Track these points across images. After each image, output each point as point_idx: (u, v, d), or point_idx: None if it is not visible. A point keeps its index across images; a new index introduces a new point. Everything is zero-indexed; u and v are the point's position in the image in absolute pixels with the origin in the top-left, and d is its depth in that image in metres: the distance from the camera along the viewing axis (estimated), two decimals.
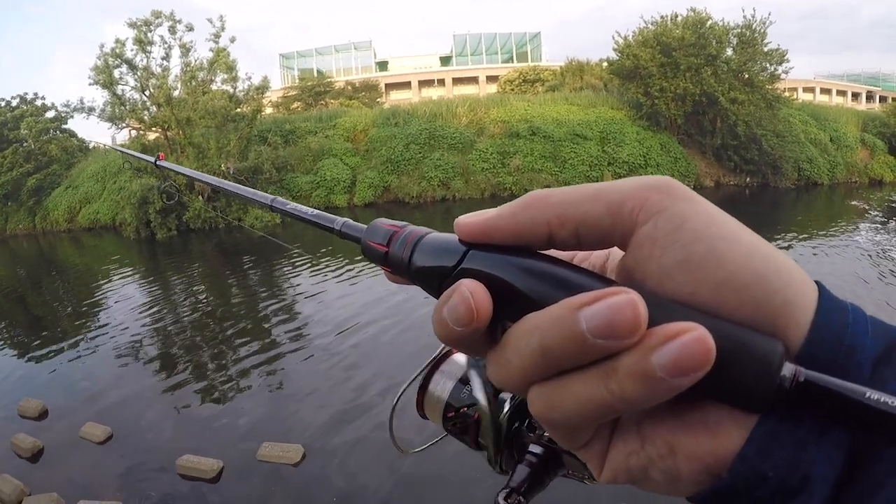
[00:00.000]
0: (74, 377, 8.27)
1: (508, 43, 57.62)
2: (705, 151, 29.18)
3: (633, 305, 0.30)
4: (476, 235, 0.39)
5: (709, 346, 0.29)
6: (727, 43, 28.40)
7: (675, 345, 0.29)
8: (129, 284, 14.39)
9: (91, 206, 28.24)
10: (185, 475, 5.38)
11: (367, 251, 0.46)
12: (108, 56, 23.41)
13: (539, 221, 0.37)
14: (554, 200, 0.38)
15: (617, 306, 0.30)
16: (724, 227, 0.35)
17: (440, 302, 0.37)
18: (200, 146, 23.58)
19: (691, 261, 0.34)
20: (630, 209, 0.36)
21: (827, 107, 39.28)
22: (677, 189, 0.36)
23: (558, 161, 27.15)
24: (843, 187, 29.86)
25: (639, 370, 0.30)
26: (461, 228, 0.40)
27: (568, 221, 0.37)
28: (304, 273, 13.70)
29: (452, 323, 0.36)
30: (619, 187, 0.37)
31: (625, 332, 0.30)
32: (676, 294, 0.34)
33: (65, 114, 29.99)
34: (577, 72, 39.79)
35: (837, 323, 0.33)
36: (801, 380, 0.30)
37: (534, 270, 0.37)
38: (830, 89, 56.40)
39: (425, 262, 0.42)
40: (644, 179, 0.37)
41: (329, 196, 26.15)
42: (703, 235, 0.34)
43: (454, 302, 0.36)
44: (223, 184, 0.96)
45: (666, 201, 0.35)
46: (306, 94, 41.00)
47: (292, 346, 8.82)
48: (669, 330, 0.30)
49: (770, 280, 0.33)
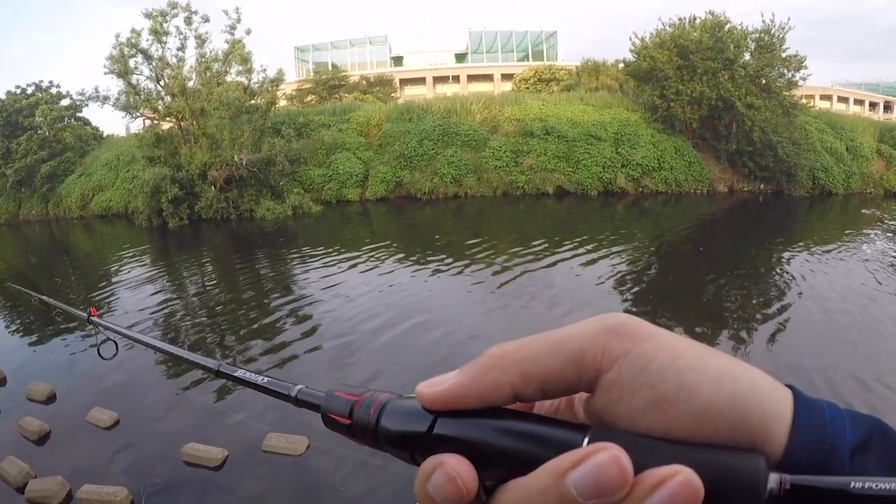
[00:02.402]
0: (83, 362, 8.25)
1: (524, 41, 57.60)
2: (720, 156, 28.97)
3: (617, 462, 0.31)
4: (440, 405, 0.39)
5: (696, 488, 0.30)
6: (745, 47, 28.15)
7: (664, 492, 0.30)
8: (140, 271, 14.41)
9: (104, 193, 28.43)
10: (190, 462, 5.35)
11: (329, 423, 0.45)
12: (123, 46, 23.55)
13: (503, 383, 0.38)
14: (514, 359, 0.38)
15: (603, 465, 0.31)
16: (689, 358, 0.35)
17: (422, 476, 0.37)
18: (214, 137, 23.65)
19: (662, 399, 0.34)
20: (592, 358, 0.36)
21: (844, 115, 39.02)
22: (637, 329, 0.37)
23: (572, 161, 27.10)
24: (857, 197, 29.60)
25: None
26: (424, 399, 0.40)
27: (531, 379, 0.37)
28: (314, 264, 13.69)
29: (440, 499, 0.36)
30: (577, 336, 0.37)
31: (614, 489, 0.30)
32: (652, 431, 0.35)
33: (80, 102, 30.15)
34: (593, 72, 39.70)
35: (816, 424, 0.34)
36: (787, 487, 0.31)
37: (509, 431, 0.37)
38: (848, 98, 56.06)
39: (395, 428, 0.41)
40: (601, 323, 0.37)
41: (341, 190, 26.23)
42: (670, 372, 0.35)
43: (440, 481, 0.36)
44: (161, 345, 0.95)
45: (627, 344, 0.36)
46: (321, 87, 41.04)
47: (300, 337, 8.79)
48: (655, 477, 0.30)
49: (743, 400, 0.34)
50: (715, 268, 12.79)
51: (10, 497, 4.99)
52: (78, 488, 4.82)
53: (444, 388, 0.39)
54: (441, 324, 9.12)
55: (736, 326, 9.10)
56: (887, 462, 0.34)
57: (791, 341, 8.35)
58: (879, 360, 7.51)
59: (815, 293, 10.58)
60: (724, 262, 13.41)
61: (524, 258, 13.60)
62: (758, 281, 11.90)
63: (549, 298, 10.71)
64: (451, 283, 11.93)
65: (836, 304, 9.85)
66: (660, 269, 13.44)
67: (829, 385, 6.60)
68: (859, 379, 6.83)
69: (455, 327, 9.05)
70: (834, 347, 8.01)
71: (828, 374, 7.00)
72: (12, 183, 30.90)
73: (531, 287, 11.40)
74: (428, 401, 0.40)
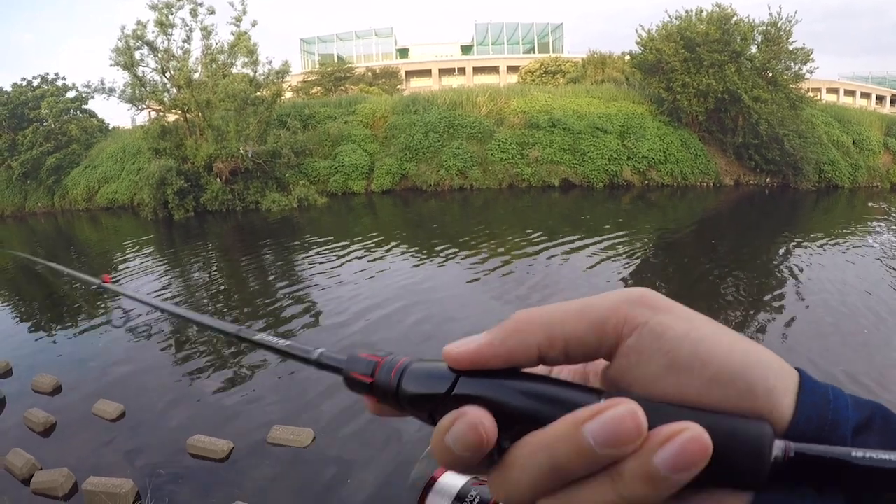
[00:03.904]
0: (89, 354, 8.30)
1: (530, 33, 57.58)
2: (726, 149, 28.90)
3: (633, 414, 0.33)
4: (466, 364, 0.40)
5: (705, 443, 0.31)
6: (752, 40, 28.00)
7: (674, 445, 0.32)
8: (146, 263, 14.47)
9: (110, 185, 28.50)
10: (196, 454, 5.37)
11: (351, 382, 0.46)
12: (128, 38, 23.50)
13: (530, 345, 0.39)
14: (541, 322, 0.39)
15: (619, 417, 0.33)
16: (704, 330, 0.38)
17: (440, 429, 0.38)
18: (220, 129, 23.67)
19: (676, 365, 0.36)
20: (613, 325, 0.38)
21: (850, 109, 38.76)
22: (656, 301, 0.39)
23: (577, 154, 27.06)
24: (864, 191, 29.52)
25: (643, 472, 0.32)
26: (451, 357, 0.41)
27: (557, 342, 0.39)
28: (320, 257, 13.68)
29: (459, 450, 0.37)
30: (601, 304, 0.39)
31: (629, 440, 0.32)
32: (665, 397, 0.36)
33: (85, 94, 30.23)
34: (599, 64, 39.60)
35: (820, 401, 0.36)
36: (791, 454, 0.33)
37: (529, 391, 0.39)
38: (854, 91, 55.91)
39: (415, 389, 0.42)
40: (623, 294, 0.40)
41: (347, 182, 26.24)
42: (685, 341, 0.37)
43: (461, 429, 0.37)
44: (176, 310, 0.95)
45: (647, 314, 0.38)
46: (326, 79, 41.12)
47: (305, 330, 8.82)
48: (667, 431, 0.32)
49: (752, 371, 0.35)
50: (719, 260, 12.77)
51: (16, 489, 5.01)
52: (83, 480, 4.83)
53: (472, 347, 0.40)
54: (439, 311, 9.20)
55: (738, 317, 9.08)
56: (888, 442, 0.35)
57: (794, 333, 8.34)
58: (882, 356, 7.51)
59: (819, 287, 10.54)
60: (728, 254, 13.41)
61: (527, 249, 13.65)
62: (762, 274, 11.88)
63: (547, 287, 10.74)
64: (453, 271, 12.01)
65: (838, 298, 9.82)
66: (663, 260, 13.44)
67: (830, 377, 6.59)
68: (861, 374, 6.83)
69: (454, 314, 9.13)
70: (839, 341, 7.99)
71: (831, 367, 7.00)
72: (18, 175, 30.91)
73: (530, 277, 11.44)
74: (454, 359, 0.41)
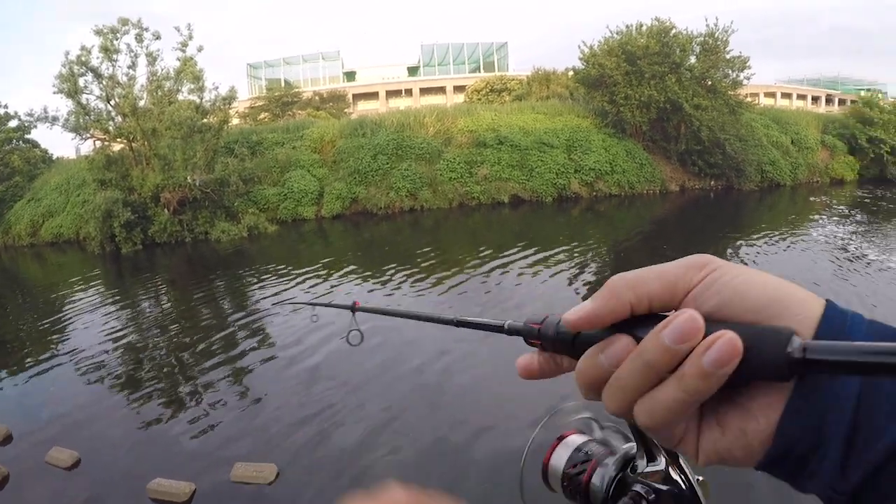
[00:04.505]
0: (39, 399, 8.14)
1: (475, 53, 58.15)
2: (670, 157, 29.75)
3: (693, 317, 0.44)
4: (585, 326, 0.52)
5: (736, 343, 0.42)
6: (691, 51, 28.97)
7: (715, 347, 0.42)
8: (95, 301, 14.16)
9: (54, 219, 27.68)
10: (157, 499, 5.31)
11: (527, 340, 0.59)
12: (73, 64, 23.02)
13: (626, 301, 0.50)
14: (632, 283, 0.50)
15: (682, 320, 0.44)
16: (746, 276, 0.48)
17: (591, 354, 0.50)
18: (166, 157, 23.28)
19: (723, 301, 0.47)
20: (683, 284, 0.49)
21: (788, 111, 40.23)
22: (711, 262, 0.50)
23: (525, 169, 27.45)
24: (805, 187, 30.80)
25: (697, 370, 0.43)
26: (570, 323, 0.52)
27: (643, 298, 0.49)
28: (270, 286, 13.65)
29: (612, 365, 0.49)
30: (673, 268, 0.50)
31: (691, 335, 0.43)
32: None
33: (28, 123, 29.24)
34: (544, 81, 40.25)
35: (837, 326, 0.44)
36: (807, 348, 0.40)
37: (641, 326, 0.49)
38: (791, 94, 57.68)
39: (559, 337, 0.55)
40: (689, 260, 0.51)
41: (297, 208, 26.09)
42: (730, 285, 0.47)
43: (614, 352, 0.49)
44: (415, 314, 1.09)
45: (704, 272, 0.49)
46: (274, 104, 40.92)
47: (261, 362, 8.78)
48: (710, 339, 0.43)
49: (779, 303, 0.46)
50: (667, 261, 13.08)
51: None
52: None
53: (584, 313, 0.50)
54: (386, 328, 9.21)
55: None
56: None
57: None
58: None
59: None
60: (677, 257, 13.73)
61: (479, 266, 13.91)
62: None
63: (502, 302, 11.12)
64: (405, 291, 12.20)
65: None
66: (614, 268, 13.46)
67: None
68: None
69: (402, 330, 9.22)
70: None
71: None
72: None
73: (483, 293, 11.74)
74: (573, 324, 0.51)
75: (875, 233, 17.50)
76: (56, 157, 34.58)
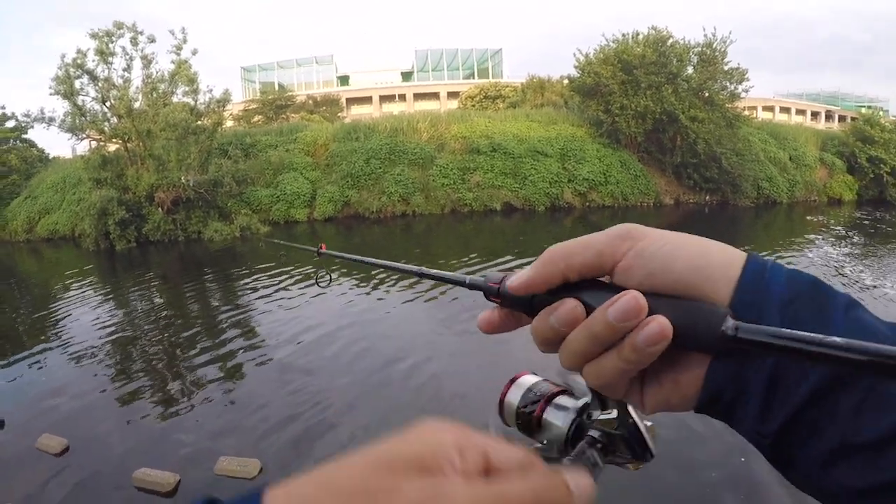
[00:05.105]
0: (32, 388, 8.22)
1: (470, 59, 58.39)
2: (665, 169, 29.60)
3: (635, 297, 0.48)
4: (524, 291, 0.57)
5: (665, 326, 0.47)
6: (688, 61, 28.90)
7: (647, 329, 0.48)
8: (88, 296, 14.24)
9: (50, 216, 27.86)
10: (142, 488, 5.34)
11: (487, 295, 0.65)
12: (69, 66, 23.22)
13: (558, 270, 0.55)
14: (564, 253, 0.55)
15: (626, 300, 0.48)
16: (672, 245, 0.53)
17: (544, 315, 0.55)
18: (161, 158, 23.45)
19: (651, 273, 0.52)
20: (611, 253, 0.54)
21: (786, 126, 40.01)
22: (636, 231, 0.55)
23: (518, 177, 27.49)
24: (801, 205, 30.48)
25: (632, 345, 0.48)
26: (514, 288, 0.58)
27: (574, 266, 0.54)
28: (262, 286, 13.66)
29: (560, 325, 0.53)
30: (600, 238, 0.55)
31: (633, 314, 0.48)
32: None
33: (25, 124, 29.39)
34: (538, 88, 40.28)
35: (755, 283, 0.50)
36: (737, 329, 0.46)
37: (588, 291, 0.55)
38: (790, 108, 57.60)
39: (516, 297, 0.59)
40: (614, 230, 0.56)
41: (289, 210, 26.19)
42: (657, 255, 0.52)
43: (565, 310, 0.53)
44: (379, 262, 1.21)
45: (630, 242, 0.54)
46: (267, 107, 41.13)
47: (250, 359, 8.83)
48: (646, 321, 0.48)
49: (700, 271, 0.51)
50: None
51: None
52: None
53: (523, 279, 0.56)
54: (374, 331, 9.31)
55: None
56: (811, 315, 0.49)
57: None
58: None
59: None
60: None
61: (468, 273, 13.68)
62: None
63: None
64: (392, 295, 12.18)
65: None
66: None
67: None
68: None
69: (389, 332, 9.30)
70: None
71: None
72: None
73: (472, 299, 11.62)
74: (516, 289, 0.57)
75: (872, 255, 17.37)
76: (52, 156, 34.81)
